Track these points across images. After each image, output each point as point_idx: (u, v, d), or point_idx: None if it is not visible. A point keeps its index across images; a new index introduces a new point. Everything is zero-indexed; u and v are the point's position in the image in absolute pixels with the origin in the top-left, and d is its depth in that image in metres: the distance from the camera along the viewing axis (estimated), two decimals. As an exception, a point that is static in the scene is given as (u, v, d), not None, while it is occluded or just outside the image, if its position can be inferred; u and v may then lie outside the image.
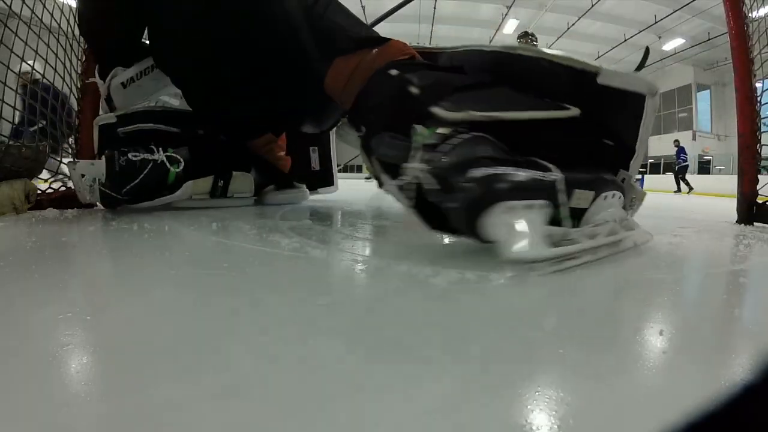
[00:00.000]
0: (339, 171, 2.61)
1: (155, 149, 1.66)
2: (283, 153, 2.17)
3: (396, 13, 3.28)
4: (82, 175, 1.60)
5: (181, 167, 1.69)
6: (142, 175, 1.60)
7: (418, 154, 0.88)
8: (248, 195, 2.05)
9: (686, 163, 10.50)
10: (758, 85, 1.90)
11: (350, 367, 0.41)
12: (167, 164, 1.66)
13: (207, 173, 1.82)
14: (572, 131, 1.03)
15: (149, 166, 1.62)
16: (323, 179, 2.48)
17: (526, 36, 4.70)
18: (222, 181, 1.87)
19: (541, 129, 0.97)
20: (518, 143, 0.91)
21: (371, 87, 1.19)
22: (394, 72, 1.11)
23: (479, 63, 1.31)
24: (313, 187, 2.44)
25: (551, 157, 0.87)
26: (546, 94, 1.06)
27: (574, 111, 1.00)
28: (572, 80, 1.04)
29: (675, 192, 9.99)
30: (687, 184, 10.22)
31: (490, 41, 14.05)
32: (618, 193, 0.99)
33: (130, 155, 1.59)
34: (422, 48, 1.53)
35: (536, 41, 4.93)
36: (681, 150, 10.73)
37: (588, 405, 0.35)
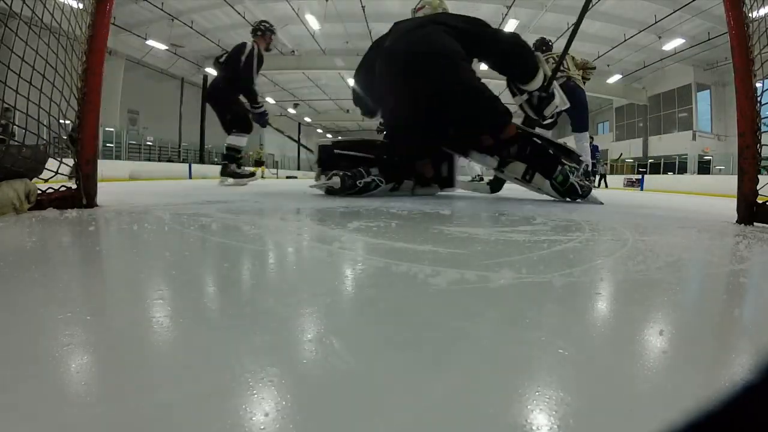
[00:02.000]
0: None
1: (364, 173, 3.13)
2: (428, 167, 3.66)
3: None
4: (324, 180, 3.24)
5: (379, 182, 3.23)
6: (360, 187, 3.11)
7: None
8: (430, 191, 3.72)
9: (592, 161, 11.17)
10: (758, 85, 1.90)
11: (350, 367, 0.41)
12: (375, 181, 3.20)
13: (390, 182, 3.33)
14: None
15: (364, 181, 3.13)
16: (449, 183, 3.89)
17: (542, 47, 5.63)
18: (396, 184, 3.44)
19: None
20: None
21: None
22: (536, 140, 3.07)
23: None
24: (443, 187, 3.81)
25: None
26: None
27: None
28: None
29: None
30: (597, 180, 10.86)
31: (490, 41, 14.04)
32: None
33: (357, 181, 3.11)
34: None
35: (551, 48, 5.51)
36: (594, 148, 11.33)
37: (588, 405, 0.35)
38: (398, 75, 2.97)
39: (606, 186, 11.62)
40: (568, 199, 3.30)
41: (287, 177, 15.88)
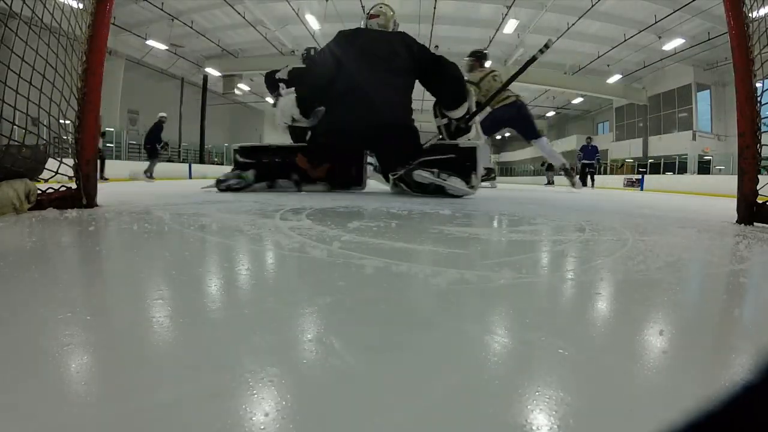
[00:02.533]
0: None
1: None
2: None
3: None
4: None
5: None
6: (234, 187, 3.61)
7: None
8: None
9: (590, 161, 11.48)
10: (758, 85, 1.90)
11: (350, 367, 0.41)
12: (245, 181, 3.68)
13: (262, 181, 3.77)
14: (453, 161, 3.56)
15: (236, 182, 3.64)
16: (358, 182, 4.26)
17: (480, 59, 6.44)
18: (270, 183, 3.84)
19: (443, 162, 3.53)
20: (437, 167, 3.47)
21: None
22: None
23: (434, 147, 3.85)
24: (348, 187, 4.13)
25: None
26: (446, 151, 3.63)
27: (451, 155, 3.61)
28: (453, 146, 3.69)
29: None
30: (585, 180, 11.12)
31: (490, 41, 14.06)
32: (458, 179, 3.44)
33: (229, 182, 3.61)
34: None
35: (486, 57, 6.20)
36: (586, 147, 11.68)
37: (588, 405, 0.35)
38: (366, 105, 3.53)
39: (593, 185, 11.50)
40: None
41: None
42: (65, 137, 1.86)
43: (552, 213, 2.26)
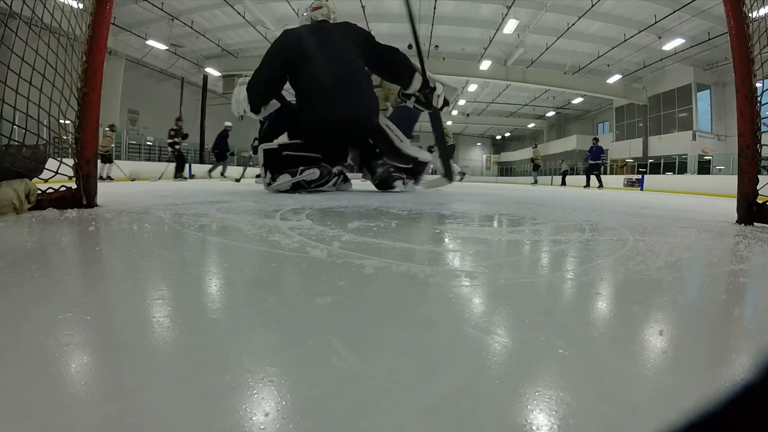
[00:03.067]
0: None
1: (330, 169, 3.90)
2: None
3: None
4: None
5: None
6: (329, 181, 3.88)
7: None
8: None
9: (596, 162, 11.71)
10: (758, 85, 1.90)
11: (350, 367, 0.41)
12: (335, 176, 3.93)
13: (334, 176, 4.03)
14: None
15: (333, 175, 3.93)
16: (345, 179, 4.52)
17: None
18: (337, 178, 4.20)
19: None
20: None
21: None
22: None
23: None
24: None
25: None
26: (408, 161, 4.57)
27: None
28: (414, 159, 4.58)
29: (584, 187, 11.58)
30: (590, 179, 11.61)
31: (490, 41, 14.05)
32: (411, 179, 4.59)
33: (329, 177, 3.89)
34: None
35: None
36: (592, 148, 11.97)
37: (588, 405, 0.35)
38: (337, 102, 3.65)
39: (600, 185, 11.62)
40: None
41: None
42: (65, 137, 1.85)
43: (552, 213, 2.26)
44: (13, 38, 1.53)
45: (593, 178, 11.70)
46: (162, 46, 13.90)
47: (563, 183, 16.06)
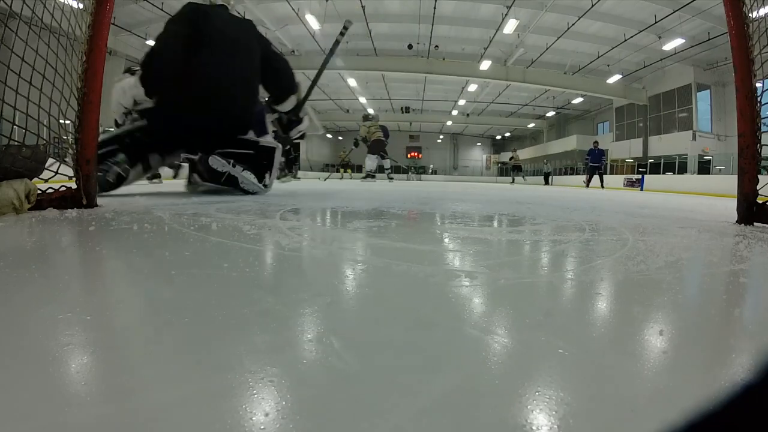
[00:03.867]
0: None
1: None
2: None
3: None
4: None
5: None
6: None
7: None
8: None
9: (598, 164, 12.24)
10: (758, 85, 1.90)
11: (350, 366, 0.41)
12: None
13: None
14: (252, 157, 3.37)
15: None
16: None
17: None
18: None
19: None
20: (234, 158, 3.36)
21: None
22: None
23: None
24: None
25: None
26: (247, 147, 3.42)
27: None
28: (254, 143, 3.40)
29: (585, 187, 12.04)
30: (592, 179, 12.12)
31: (490, 41, 14.05)
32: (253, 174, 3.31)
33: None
34: None
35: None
36: (593, 151, 12.54)
37: (588, 405, 0.35)
38: (219, 88, 3.27)
39: (602, 185, 11.93)
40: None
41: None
42: (65, 137, 1.85)
43: (552, 213, 2.27)
44: (13, 38, 1.53)
45: (595, 178, 12.07)
46: (162, 46, 13.86)
47: (546, 182, 16.39)
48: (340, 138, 29.15)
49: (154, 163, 3.32)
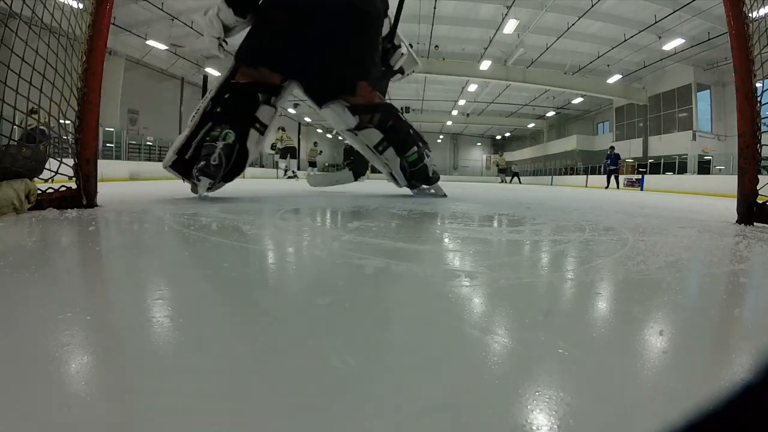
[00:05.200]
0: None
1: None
2: None
3: (411, 53, 3.70)
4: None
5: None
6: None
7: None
8: None
9: (615, 167, 13.02)
10: (758, 85, 1.90)
11: (350, 366, 0.41)
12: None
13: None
14: None
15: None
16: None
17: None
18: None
19: None
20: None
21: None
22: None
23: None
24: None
25: None
26: None
27: None
28: None
29: (605, 188, 12.66)
30: (610, 181, 12.86)
31: (490, 41, 14.04)
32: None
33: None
34: None
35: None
36: (610, 155, 13.35)
37: (588, 405, 0.35)
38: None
39: (618, 186, 12.96)
40: (407, 185, 3.45)
41: (288, 177, 15.89)
42: (65, 137, 1.85)
43: (552, 213, 2.26)
44: (13, 38, 1.53)
45: (612, 179, 12.90)
46: (162, 46, 13.89)
47: (511, 180, 17.97)
48: (340, 137, 29.08)
49: (266, 117, 2.86)
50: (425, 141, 3.57)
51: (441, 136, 32.30)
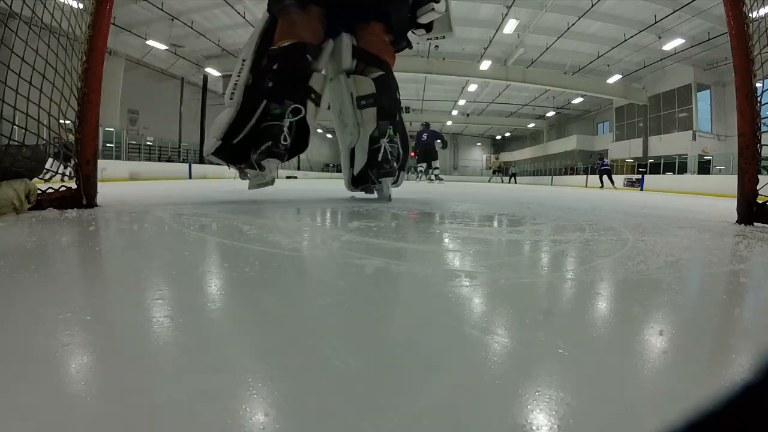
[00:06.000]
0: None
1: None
2: None
3: (448, 15, 3.34)
4: None
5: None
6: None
7: None
8: None
9: (606, 167, 14.08)
10: (758, 85, 1.90)
11: (351, 366, 0.41)
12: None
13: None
14: None
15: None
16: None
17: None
18: None
19: None
20: None
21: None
22: None
23: None
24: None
25: None
26: None
27: None
28: None
29: (600, 188, 13.52)
30: (602, 182, 13.75)
31: (490, 41, 14.04)
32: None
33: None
34: None
35: None
36: (602, 158, 14.77)
37: (588, 405, 0.35)
38: None
39: (613, 184, 13.45)
40: (362, 171, 2.93)
41: (287, 177, 15.92)
42: (65, 137, 1.85)
43: (552, 213, 2.26)
44: (13, 38, 1.53)
45: (606, 179, 13.68)
46: (162, 46, 13.90)
47: (510, 180, 18.44)
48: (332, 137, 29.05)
49: (318, 85, 2.61)
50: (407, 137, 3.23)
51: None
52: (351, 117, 2.96)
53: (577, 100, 20.09)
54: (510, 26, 12.70)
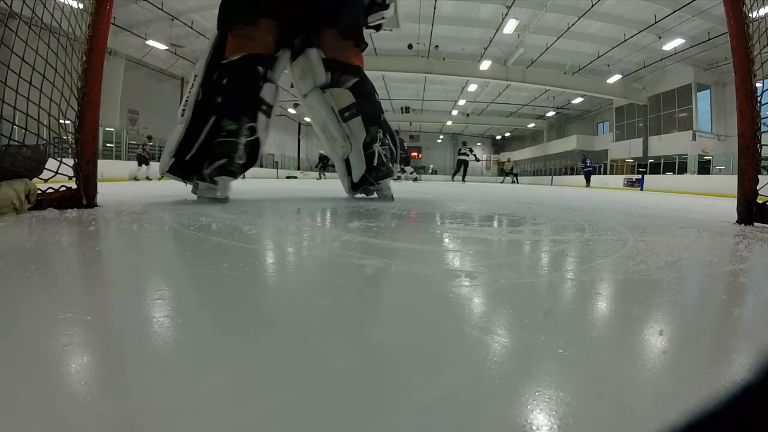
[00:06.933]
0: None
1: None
2: None
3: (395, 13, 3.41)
4: None
5: None
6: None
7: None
8: None
9: (589, 168, 15.17)
10: (758, 85, 1.90)
11: (351, 366, 0.41)
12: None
13: None
14: None
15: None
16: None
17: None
18: None
19: None
20: None
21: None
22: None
23: None
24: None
25: None
26: None
27: None
28: None
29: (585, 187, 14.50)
30: (588, 181, 14.85)
31: (490, 41, 14.04)
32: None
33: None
34: None
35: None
36: (584, 159, 15.79)
37: (588, 405, 0.35)
38: None
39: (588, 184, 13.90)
40: (363, 177, 2.91)
41: (287, 177, 15.92)
42: (65, 137, 1.85)
43: (552, 213, 2.26)
44: (13, 38, 1.53)
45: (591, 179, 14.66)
46: (162, 46, 13.90)
47: (512, 181, 18.53)
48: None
49: (270, 96, 2.57)
50: (392, 132, 3.21)
51: (441, 136, 32.31)
52: (338, 130, 2.99)
53: (577, 100, 20.09)
54: (510, 26, 12.70)
